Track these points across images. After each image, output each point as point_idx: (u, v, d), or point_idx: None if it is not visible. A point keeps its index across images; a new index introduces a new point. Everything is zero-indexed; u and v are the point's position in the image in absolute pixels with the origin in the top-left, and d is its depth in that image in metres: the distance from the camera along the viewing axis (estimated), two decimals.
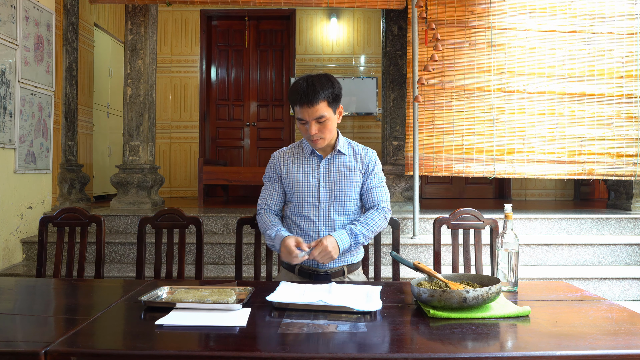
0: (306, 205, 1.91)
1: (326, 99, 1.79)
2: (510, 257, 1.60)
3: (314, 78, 1.80)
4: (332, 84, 1.81)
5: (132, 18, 4.33)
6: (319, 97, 1.76)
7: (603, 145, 4.03)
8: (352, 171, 1.91)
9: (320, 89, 1.77)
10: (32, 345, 1.10)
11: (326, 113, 1.80)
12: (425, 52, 3.89)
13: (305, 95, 1.77)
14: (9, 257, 3.49)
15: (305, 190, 1.91)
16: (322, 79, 1.80)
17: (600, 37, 4.02)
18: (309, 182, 1.91)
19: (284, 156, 1.99)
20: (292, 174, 1.94)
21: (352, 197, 1.91)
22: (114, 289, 1.74)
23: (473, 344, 1.14)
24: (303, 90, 1.77)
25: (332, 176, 1.91)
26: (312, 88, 1.77)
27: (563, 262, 3.63)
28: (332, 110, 1.82)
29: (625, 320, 1.31)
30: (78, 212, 2.16)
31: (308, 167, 1.94)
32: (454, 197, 6.33)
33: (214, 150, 6.59)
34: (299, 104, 1.79)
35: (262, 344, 1.15)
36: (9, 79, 3.42)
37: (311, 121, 1.80)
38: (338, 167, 1.92)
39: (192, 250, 3.54)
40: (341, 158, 1.93)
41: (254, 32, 6.55)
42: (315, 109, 1.77)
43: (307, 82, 1.79)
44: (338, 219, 1.89)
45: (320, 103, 1.77)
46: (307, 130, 1.82)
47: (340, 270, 1.92)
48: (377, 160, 1.97)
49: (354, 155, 1.94)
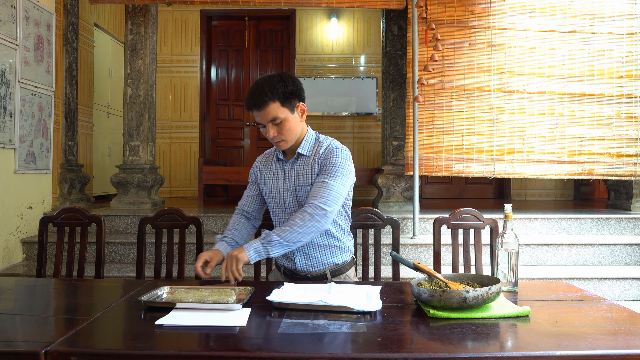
0: (277, 210, 1.87)
1: (277, 100, 1.70)
2: (510, 257, 1.60)
3: (264, 80, 1.73)
4: (284, 82, 1.72)
5: (132, 18, 4.33)
6: (267, 98, 1.69)
7: (603, 145, 4.03)
8: (309, 173, 1.80)
9: (269, 90, 1.69)
10: (32, 345, 1.10)
11: (280, 114, 1.71)
12: (425, 52, 3.89)
13: (252, 99, 1.71)
14: (9, 257, 3.49)
15: (273, 196, 1.87)
16: (273, 79, 1.72)
17: (600, 37, 4.02)
18: (277, 187, 1.86)
19: (261, 161, 1.96)
20: (265, 180, 1.91)
21: None
22: (114, 289, 1.74)
23: (473, 344, 1.14)
24: (251, 94, 1.72)
25: (293, 180, 1.82)
26: (260, 90, 1.70)
27: (563, 262, 3.63)
28: (287, 110, 1.73)
29: (625, 320, 1.31)
30: (78, 212, 2.16)
31: (276, 172, 1.88)
32: (454, 197, 6.33)
33: (214, 150, 6.59)
34: (250, 108, 1.74)
35: (262, 344, 1.15)
36: (9, 79, 3.42)
37: (267, 124, 1.74)
38: (299, 171, 1.82)
39: (192, 250, 3.54)
40: (303, 160, 1.83)
41: (254, 32, 6.55)
42: (266, 112, 1.71)
43: (257, 84, 1.72)
44: None
45: (271, 105, 1.70)
46: (266, 133, 1.77)
47: (322, 274, 1.86)
48: (336, 156, 1.77)
49: (314, 155, 1.81)
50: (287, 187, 1.83)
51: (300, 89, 1.77)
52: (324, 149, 1.81)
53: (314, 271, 1.85)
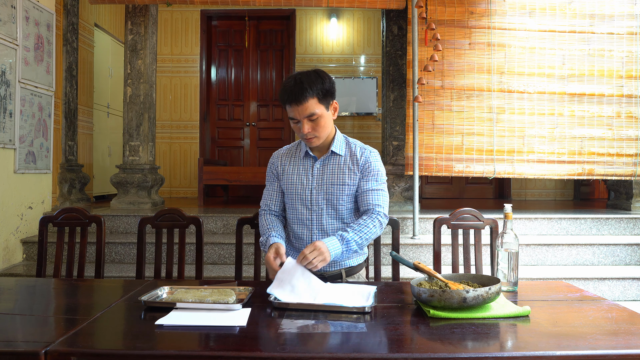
0: (300, 208, 1.86)
1: (316, 96, 1.72)
2: (510, 257, 1.60)
3: (302, 75, 1.74)
4: (322, 79, 1.74)
5: (132, 18, 4.33)
6: (307, 94, 1.70)
7: (603, 145, 4.03)
8: (345, 173, 1.82)
9: (309, 86, 1.70)
10: (32, 345, 1.10)
11: (317, 110, 1.73)
12: (425, 52, 3.89)
13: (293, 94, 1.71)
14: (9, 257, 3.49)
15: (298, 193, 1.85)
16: (311, 75, 1.74)
17: (600, 37, 4.02)
18: (302, 184, 1.85)
19: (282, 157, 1.94)
20: (288, 175, 1.89)
21: (345, 201, 1.83)
22: (114, 289, 1.74)
23: (473, 344, 1.14)
24: (291, 89, 1.71)
25: (326, 179, 1.83)
26: (300, 85, 1.70)
27: (563, 262, 3.63)
28: (324, 107, 1.76)
29: (625, 320, 1.31)
30: (78, 212, 2.16)
31: (302, 168, 1.87)
32: (454, 197, 6.33)
33: (214, 150, 6.59)
34: (288, 102, 1.74)
35: (262, 344, 1.15)
36: (9, 79, 3.42)
37: (302, 119, 1.74)
38: (332, 169, 1.84)
39: (192, 250, 3.54)
40: (336, 159, 1.85)
41: (254, 32, 6.55)
42: (304, 107, 1.71)
43: (295, 79, 1.73)
44: (331, 224, 1.84)
45: (310, 100, 1.71)
46: (300, 129, 1.77)
47: (338, 274, 1.86)
48: (376, 160, 1.86)
49: (350, 155, 1.85)
50: (317, 184, 1.84)
51: (334, 87, 1.81)
52: (359, 152, 1.85)
53: (330, 270, 1.86)
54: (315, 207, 1.83)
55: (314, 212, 1.84)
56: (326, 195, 1.83)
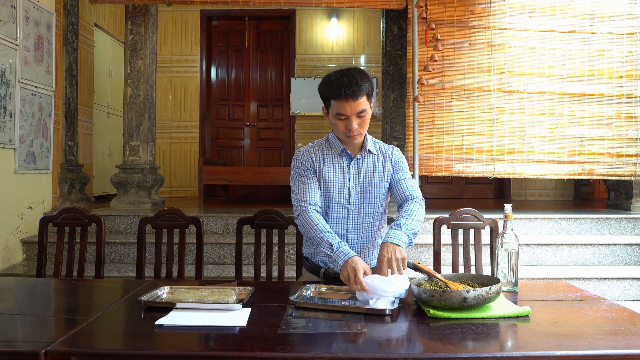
0: (335, 205, 1.85)
1: (366, 93, 1.73)
2: (510, 257, 1.60)
3: (352, 71, 1.74)
4: (369, 78, 1.77)
5: (132, 18, 4.33)
6: (362, 90, 1.71)
7: (603, 145, 4.03)
8: (380, 171, 1.87)
9: (362, 82, 1.72)
10: (32, 345, 1.10)
11: (367, 107, 1.75)
12: (425, 52, 3.89)
13: (349, 89, 1.70)
14: (9, 257, 3.49)
15: (336, 191, 1.84)
16: (361, 73, 1.75)
17: (600, 37, 4.02)
18: (340, 182, 1.85)
19: (315, 152, 1.90)
20: (324, 172, 1.86)
21: (381, 197, 1.87)
22: (114, 289, 1.74)
23: (473, 344, 1.14)
24: (346, 84, 1.70)
25: (363, 177, 1.86)
26: (355, 81, 1.71)
27: (563, 262, 3.63)
28: (369, 104, 1.78)
29: (625, 320, 1.31)
30: (78, 212, 2.16)
31: (338, 166, 1.87)
32: (454, 197, 6.33)
33: (214, 150, 6.59)
34: (342, 97, 1.71)
35: (262, 344, 1.15)
36: (9, 79, 3.42)
37: (352, 116, 1.73)
38: (368, 167, 1.87)
39: (192, 250, 3.54)
40: (370, 157, 1.88)
41: (254, 32, 6.55)
42: (358, 103, 1.72)
43: (347, 75, 1.73)
44: (367, 220, 1.85)
45: (363, 97, 1.72)
46: (345, 126, 1.76)
47: None
48: (401, 154, 1.95)
49: (382, 154, 1.90)
50: (355, 182, 1.85)
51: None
52: (389, 149, 1.93)
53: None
54: (353, 205, 1.85)
55: (350, 210, 1.85)
56: (364, 194, 1.86)
